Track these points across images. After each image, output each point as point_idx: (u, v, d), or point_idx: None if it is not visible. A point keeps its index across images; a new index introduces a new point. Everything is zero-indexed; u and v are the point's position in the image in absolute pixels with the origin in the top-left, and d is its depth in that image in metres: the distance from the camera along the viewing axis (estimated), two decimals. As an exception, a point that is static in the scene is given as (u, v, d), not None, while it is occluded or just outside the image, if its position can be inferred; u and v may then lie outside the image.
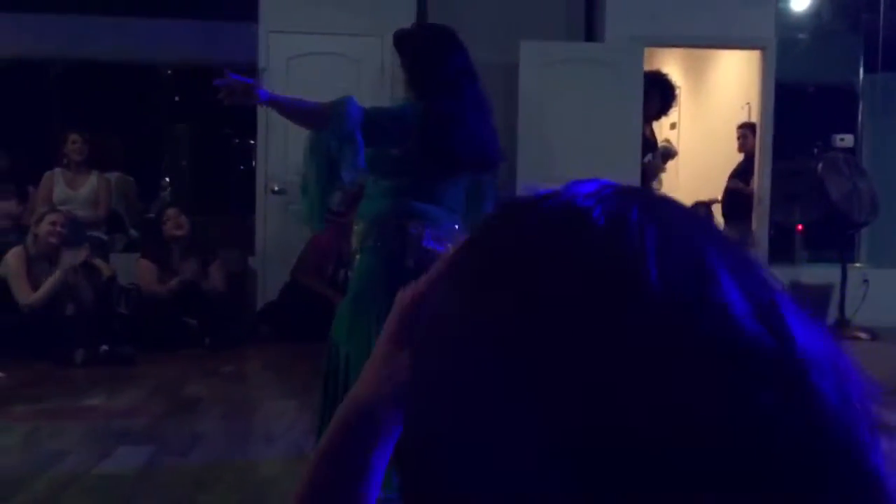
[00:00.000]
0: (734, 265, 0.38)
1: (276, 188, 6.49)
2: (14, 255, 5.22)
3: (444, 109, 2.74)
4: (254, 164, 7.01)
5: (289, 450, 3.52)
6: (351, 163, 2.62)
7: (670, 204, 0.42)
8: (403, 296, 0.55)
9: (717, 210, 7.19)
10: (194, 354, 5.35)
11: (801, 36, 6.98)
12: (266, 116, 6.51)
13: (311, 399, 4.30)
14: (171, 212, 5.83)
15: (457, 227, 2.83)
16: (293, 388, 4.64)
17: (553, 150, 6.53)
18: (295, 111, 2.79)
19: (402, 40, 2.90)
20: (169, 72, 8.29)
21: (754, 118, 7.09)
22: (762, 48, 6.79)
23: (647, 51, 6.72)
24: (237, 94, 2.58)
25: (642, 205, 0.40)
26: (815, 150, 6.97)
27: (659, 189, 7.34)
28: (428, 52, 2.80)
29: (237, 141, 8.14)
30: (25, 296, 5.15)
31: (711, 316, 0.36)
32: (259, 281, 6.43)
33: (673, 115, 7.45)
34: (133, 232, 6.69)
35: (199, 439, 3.63)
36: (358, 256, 2.78)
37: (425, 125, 2.70)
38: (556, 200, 0.42)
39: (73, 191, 6.01)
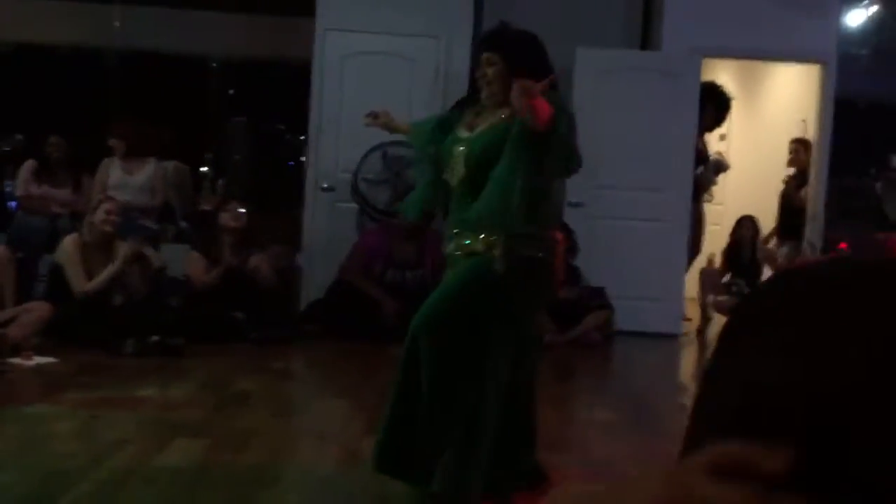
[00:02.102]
0: None
1: (326, 185, 6.50)
2: (70, 243, 5.27)
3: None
4: (304, 160, 7.03)
5: (342, 451, 3.51)
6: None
7: None
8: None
9: (764, 224, 7.10)
10: (241, 349, 5.36)
11: (862, 52, 6.87)
12: (319, 113, 6.52)
13: (361, 400, 4.30)
14: (233, 203, 5.85)
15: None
16: (342, 388, 4.64)
17: (605, 158, 6.46)
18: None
19: (511, 42, 2.86)
20: (214, 64, 8.34)
21: (810, 134, 7.00)
22: (822, 63, 6.70)
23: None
24: None
25: None
26: (873, 170, 6.87)
27: (709, 201, 7.26)
28: (545, 56, 2.82)
29: (288, 137, 8.17)
30: (80, 283, 5.19)
31: None
32: (305, 278, 6.45)
33: (723, 126, 7.37)
34: (183, 223, 6.73)
35: (252, 435, 3.63)
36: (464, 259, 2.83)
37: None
38: None
39: (129, 176, 6.06)
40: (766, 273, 6.83)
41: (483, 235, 2.79)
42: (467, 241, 2.81)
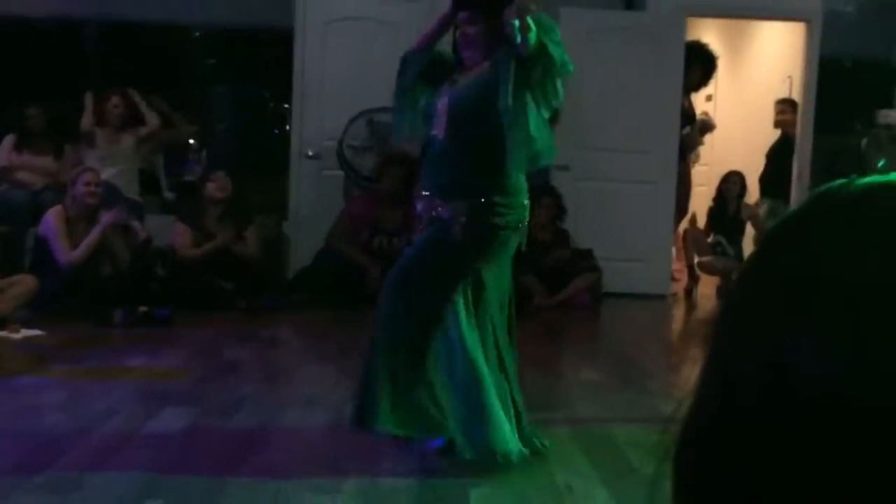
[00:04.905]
0: None
1: (311, 153, 6.47)
2: (54, 215, 5.23)
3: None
4: (288, 128, 6.98)
5: (330, 415, 3.53)
6: None
7: None
8: None
9: (752, 185, 7.10)
10: (229, 318, 5.37)
11: (847, 9, 6.83)
12: (302, 80, 6.47)
13: (348, 365, 4.30)
14: (220, 173, 5.81)
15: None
16: (329, 354, 4.65)
17: (590, 119, 6.45)
18: None
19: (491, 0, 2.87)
20: (197, 34, 8.23)
21: (795, 92, 6.98)
22: (807, 20, 6.66)
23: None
24: None
25: None
26: (859, 127, 6.85)
27: (696, 161, 7.25)
28: None
29: (272, 105, 8.11)
30: (66, 254, 5.17)
31: None
32: (292, 246, 6.43)
33: (709, 86, 7.34)
34: (168, 194, 6.69)
35: (241, 402, 3.65)
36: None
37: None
38: None
39: (112, 147, 6.02)
40: (749, 231, 6.85)
41: (449, 202, 2.82)
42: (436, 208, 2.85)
